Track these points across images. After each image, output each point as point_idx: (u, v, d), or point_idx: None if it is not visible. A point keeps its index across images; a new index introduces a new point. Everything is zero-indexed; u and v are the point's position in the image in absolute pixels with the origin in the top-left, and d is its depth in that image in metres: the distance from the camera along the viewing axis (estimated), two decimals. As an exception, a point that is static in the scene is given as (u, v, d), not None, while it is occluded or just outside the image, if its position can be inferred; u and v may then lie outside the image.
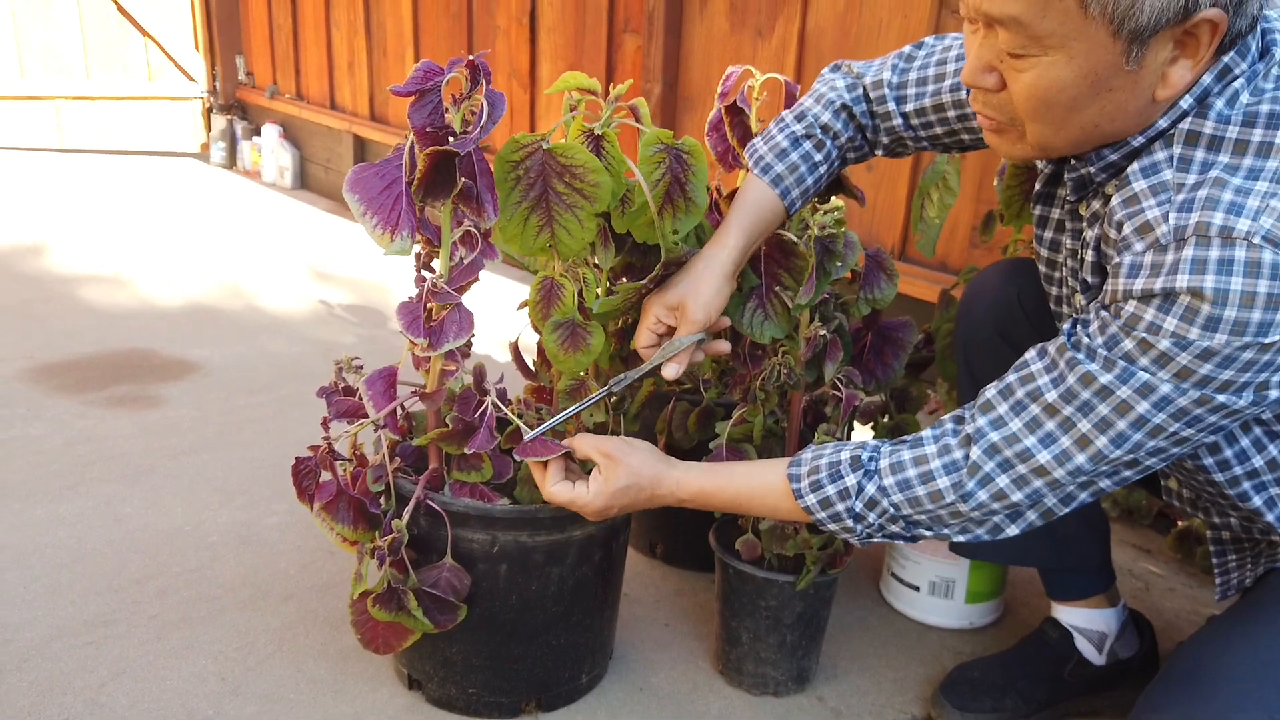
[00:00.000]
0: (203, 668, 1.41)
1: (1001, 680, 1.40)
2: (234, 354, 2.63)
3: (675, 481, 1.15)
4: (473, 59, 1.08)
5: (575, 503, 1.15)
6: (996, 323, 1.36)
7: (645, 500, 1.16)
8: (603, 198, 1.11)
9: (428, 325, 1.17)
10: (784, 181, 1.24)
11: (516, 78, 3.53)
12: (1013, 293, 1.35)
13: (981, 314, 1.39)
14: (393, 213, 1.07)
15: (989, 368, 1.30)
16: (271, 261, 3.57)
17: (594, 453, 1.15)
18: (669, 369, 1.18)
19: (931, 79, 1.22)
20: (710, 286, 1.17)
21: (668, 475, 1.15)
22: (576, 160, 1.10)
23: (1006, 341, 1.33)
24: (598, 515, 1.16)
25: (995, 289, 1.38)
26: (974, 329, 1.39)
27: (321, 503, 1.24)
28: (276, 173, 4.91)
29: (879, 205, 2.46)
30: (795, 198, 1.25)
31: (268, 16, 4.97)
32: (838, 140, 1.28)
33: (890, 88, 1.25)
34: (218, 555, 1.69)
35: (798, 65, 2.56)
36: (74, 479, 1.91)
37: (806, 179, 1.26)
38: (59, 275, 3.22)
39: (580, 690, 1.40)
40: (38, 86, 5.03)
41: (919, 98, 1.23)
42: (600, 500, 1.14)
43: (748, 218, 1.22)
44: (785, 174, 1.24)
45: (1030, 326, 1.32)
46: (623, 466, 1.14)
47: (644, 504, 1.17)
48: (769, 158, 1.25)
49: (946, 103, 1.21)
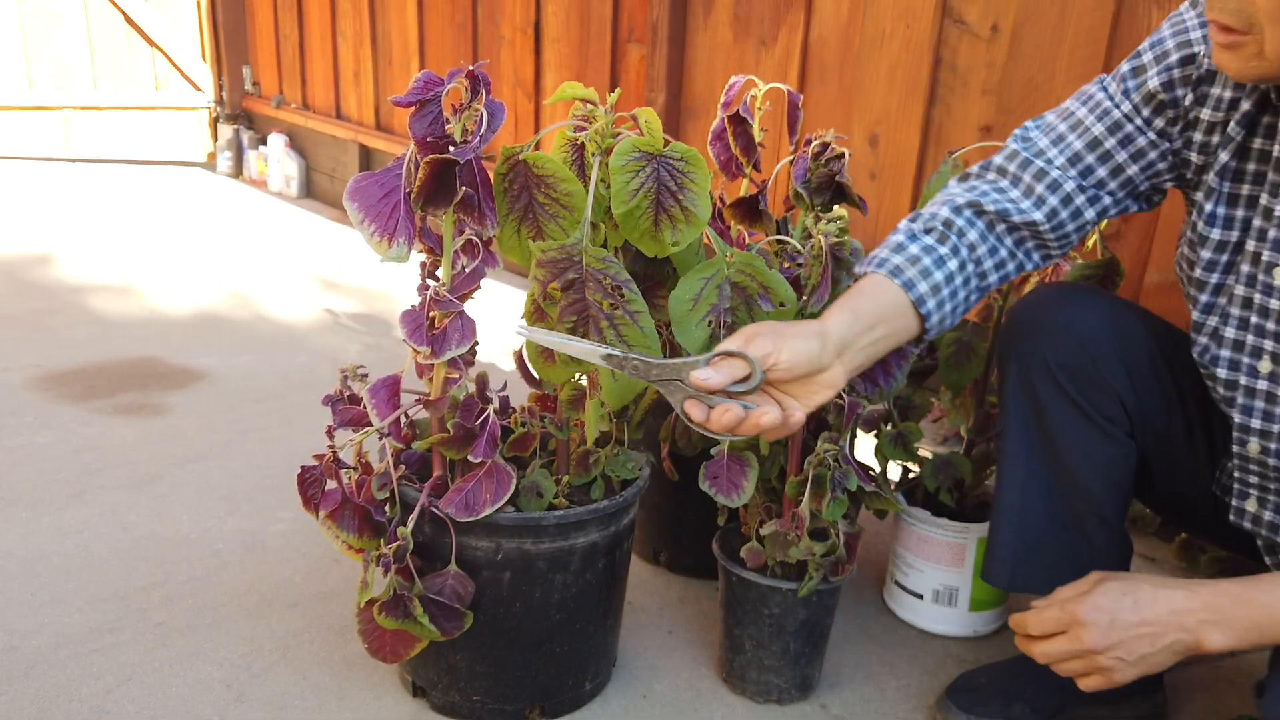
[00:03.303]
0: (208, 675, 1.41)
1: (1009, 688, 1.39)
2: (240, 362, 2.64)
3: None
4: (472, 69, 1.09)
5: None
6: (1058, 359, 1.26)
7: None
8: (579, 207, 1.12)
9: (430, 333, 1.18)
10: (905, 273, 1.14)
11: (521, 87, 3.55)
12: (1077, 326, 1.25)
13: (1042, 346, 1.27)
14: (390, 220, 1.08)
15: (1049, 406, 1.25)
16: (277, 270, 3.58)
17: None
18: (700, 373, 1.02)
19: (1065, 131, 1.18)
20: (796, 331, 1.05)
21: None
22: (548, 170, 1.11)
23: (1069, 379, 1.25)
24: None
25: (1055, 318, 1.27)
26: (1032, 362, 1.27)
27: (327, 511, 1.24)
28: (282, 182, 4.93)
29: (883, 213, 2.47)
30: (922, 292, 1.14)
31: (274, 27, 4.99)
32: (965, 237, 1.18)
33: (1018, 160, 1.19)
34: (223, 563, 1.69)
35: (801, 75, 2.57)
36: (80, 487, 1.92)
37: (933, 271, 1.15)
38: (66, 284, 3.24)
39: (584, 697, 1.40)
40: (46, 97, 5.05)
41: (1062, 150, 1.18)
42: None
43: (853, 298, 1.13)
44: (905, 265, 1.14)
45: (1104, 365, 1.24)
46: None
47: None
48: (882, 253, 1.17)
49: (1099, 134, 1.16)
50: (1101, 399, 1.24)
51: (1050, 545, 1.32)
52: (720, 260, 1.20)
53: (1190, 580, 1.05)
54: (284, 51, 4.98)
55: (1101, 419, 1.25)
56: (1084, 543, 1.31)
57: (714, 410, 1.01)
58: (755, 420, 1.01)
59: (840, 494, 1.30)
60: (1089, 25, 2.00)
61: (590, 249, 1.10)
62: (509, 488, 1.23)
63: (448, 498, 1.22)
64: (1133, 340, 1.25)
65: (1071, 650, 1.08)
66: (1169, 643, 1.03)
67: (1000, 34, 2.15)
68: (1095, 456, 1.27)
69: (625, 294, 1.10)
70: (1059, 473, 1.30)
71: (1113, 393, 1.24)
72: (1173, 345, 1.28)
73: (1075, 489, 1.29)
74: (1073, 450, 1.27)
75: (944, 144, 2.31)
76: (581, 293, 1.11)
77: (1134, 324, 1.27)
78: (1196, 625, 1.02)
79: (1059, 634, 1.09)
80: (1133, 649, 1.04)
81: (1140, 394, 1.25)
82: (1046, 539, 1.32)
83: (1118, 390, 1.24)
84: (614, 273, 1.09)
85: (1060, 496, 1.30)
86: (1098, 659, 1.06)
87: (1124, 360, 1.24)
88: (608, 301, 1.10)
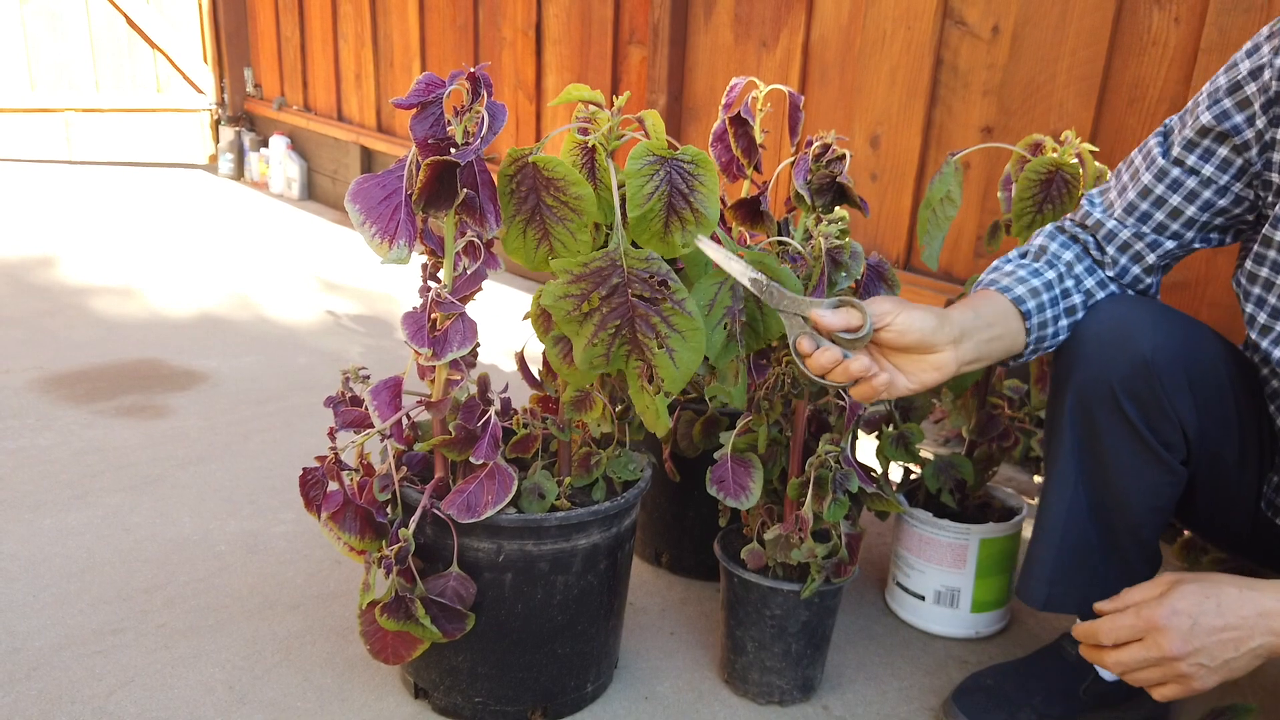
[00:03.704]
0: (210, 676, 1.41)
1: (1016, 694, 1.38)
2: (242, 364, 2.65)
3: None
4: (473, 71, 1.09)
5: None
6: (1123, 381, 1.20)
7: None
8: (589, 210, 1.12)
9: (432, 335, 1.18)
10: (1001, 282, 1.22)
11: (523, 89, 3.55)
12: (1145, 348, 1.19)
13: (1107, 366, 1.22)
14: (391, 222, 1.08)
15: (1106, 429, 1.22)
16: (279, 272, 3.59)
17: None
18: (819, 312, 1.07)
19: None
20: (918, 305, 1.10)
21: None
22: (558, 173, 1.11)
23: (1132, 403, 1.20)
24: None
25: (1122, 338, 1.21)
26: (1094, 382, 1.22)
27: (329, 512, 1.25)
28: (284, 184, 4.93)
29: (883, 215, 2.47)
30: (1020, 293, 1.21)
31: (275, 29, 5.00)
32: (1060, 257, 1.26)
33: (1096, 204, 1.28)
34: (225, 565, 1.70)
35: (802, 76, 2.57)
36: (82, 489, 1.92)
37: (1029, 279, 1.23)
38: (68, 286, 3.24)
39: (585, 699, 1.40)
40: (48, 99, 5.06)
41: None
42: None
43: (974, 300, 1.21)
44: (1001, 277, 1.23)
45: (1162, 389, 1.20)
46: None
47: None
48: (985, 276, 1.26)
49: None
50: (1163, 425, 1.20)
51: (1087, 567, 1.29)
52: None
53: (1276, 582, 1.00)
54: (285, 54, 4.99)
55: (1159, 445, 1.21)
56: (1119, 563, 1.29)
57: (819, 349, 1.07)
58: (847, 366, 1.06)
59: (842, 495, 1.30)
60: (1090, 26, 2.01)
61: (630, 251, 1.11)
62: (511, 489, 1.23)
63: (449, 499, 1.22)
64: (1204, 365, 1.21)
65: (1148, 658, 1.01)
66: (1254, 646, 0.98)
67: (1001, 35, 2.16)
68: (1145, 482, 1.23)
69: (670, 285, 1.11)
70: (1106, 495, 1.26)
71: (1176, 420, 1.20)
72: (1236, 365, 1.24)
73: (1119, 511, 1.26)
74: (1123, 475, 1.23)
75: (945, 145, 2.31)
76: (625, 296, 1.11)
77: (1203, 346, 1.22)
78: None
79: (1133, 641, 1.03)
80: (1215, 654, 0.99)
81: (1204, 421, 1.21)
82: (1085, 561, 1.29)
83: (1182, 417, 1.20)
84: (656, 268, 1.11)
85: (1103, 518, 1.27)
86: (1178, 666, 1.00)
87: (1191, 386, 1.19)
88: (656, 296, 1.11)
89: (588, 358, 1.14)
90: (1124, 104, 1.99)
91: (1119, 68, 1.99)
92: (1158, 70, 1.93)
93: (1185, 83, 1.88)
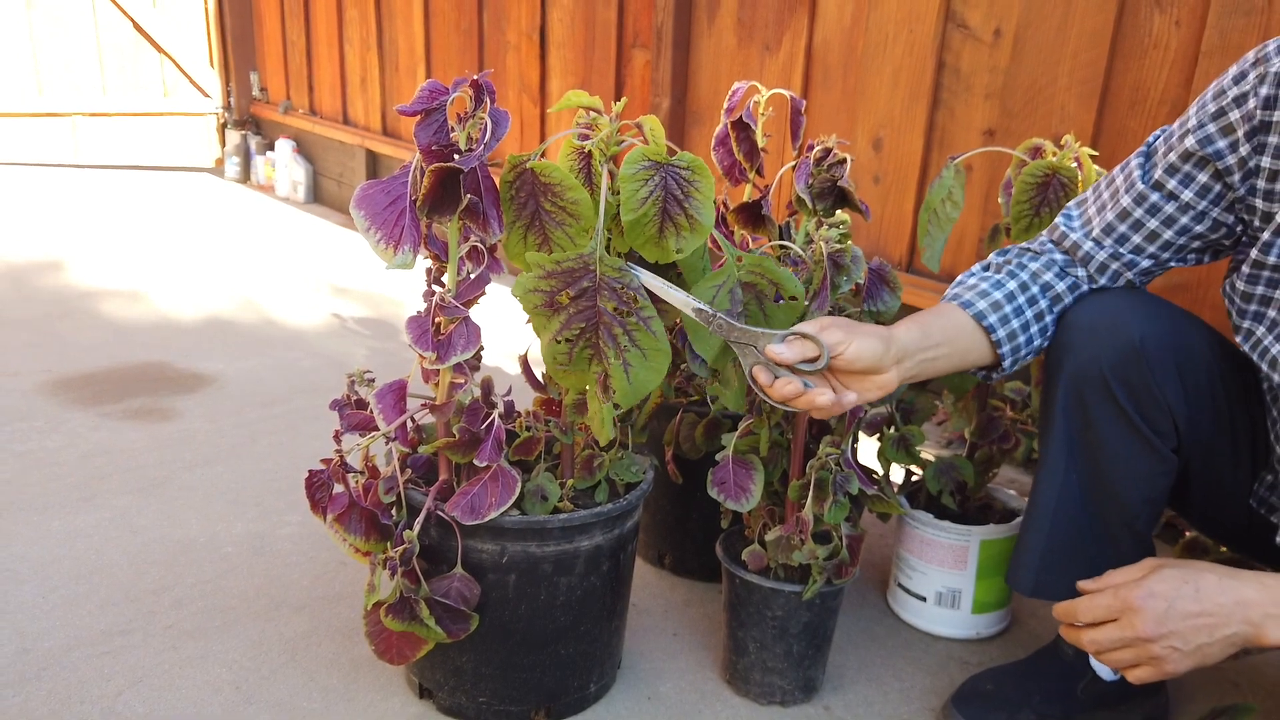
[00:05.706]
0: (217, 677, 1.43)
1: (1016, 696, 1.39)
2: (248, 367, 2.66)
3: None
4: (477, 78, 1.10)
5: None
6: (1114, 368, 1.22)
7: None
8: (586, 215, 1.13)
9: (436, 339, 1.19)
10: (963, 296, 1.25)
11: (527, 93, 3.56)
12: (1135, 335, 1.21)
13: (1098, 354, 1.23)
14: (396, 228, 1.09)
15: (1098, 416, 1.24)
16: (285, 275, 3.60)
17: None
18: (774, 346, 1.11)
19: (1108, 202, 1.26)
20: (866, 330, 1.13)
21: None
22: (554, 179, 1.12)
23: (1123, 389, 1.22)
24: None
25: (1113, 326, 1.23)
26: (1086, 369, 1.24)
27: (334, 514, 1.26)
28: (290, 187, 4.95)
29: (886, 217, 2.47)
30: (981, 308, 1.24)
31: (281, 33, 5.02)
32: (1025, 267, 1.28)
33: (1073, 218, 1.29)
34: (232, 566, 1.71)
35: (805, 79, 2.58)
36: (90, 491, 1.94)
37: (990, 292, 1.25)
38: (75, 289, 3.26)
39: (588, 699, 1.41)
40: (55, 103, 5.09)
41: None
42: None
43: (928, 315, 1.23)
44: (963, 291, 1.26)
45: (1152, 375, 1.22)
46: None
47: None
48: (951, 291, 1.28)
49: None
50: (1154, 412, 1.22)
51: (1078, 555, 1.30)
52: (730, 266, 1.22)
53: (1260, 572, 1.01)
54: (291, 58, 5.01)
55: (1151, 433, 1.23)
56: (1111, 553, 1.29)
57: (778, 380, 1.11)
58: (811, 397, 1.10)
59: (842, 497, 1.31)
60: (1091, 29, 2.01)
61: (605, 258, 1.11)
62: (514, 491, 1.24)
63: (453, 501, 1.23)
64: (1193, 353, 1.23)
65: (1122, 638, 1.03)
66: (1228, 634, 0.99)
67: (1003, 38, 2.16)
68: (1138, 470, 1.25)
69: (639, 301, 1.12)
70: (1098, 483, 1.27)
71: (1166, 407, 1.21)
72: (1227, 358, 1.26)
73: (1112, 501, 1.27)
74: (1115, 463, 1.25)
75: (947, 148, 2.32)
76: (593, 300, 1.12)
77: (1194, 336, 1.24)
78: (1263, 619, 0.98)
79: (1109, 621, 1.05)
80: (1189, 639, 1.00)
81: (1193, 409, 1.23)
82: (1075, 548, 1.30)
83: (1171, 405, 1.21)
84: (629, 281, 1.12)
85: (1095, 507, 1.29)
86: (1150, 647, 1.01)
87: (1181, 374, 1.21)
88: (622, 309, 1.12)
89: (551, 353, 1.16)
90: (1125, 107, 1.99)
91: (1120, 70, 1.99)
92: (1159, 73, 1.93)
93: (1186, 86, 1.89)
